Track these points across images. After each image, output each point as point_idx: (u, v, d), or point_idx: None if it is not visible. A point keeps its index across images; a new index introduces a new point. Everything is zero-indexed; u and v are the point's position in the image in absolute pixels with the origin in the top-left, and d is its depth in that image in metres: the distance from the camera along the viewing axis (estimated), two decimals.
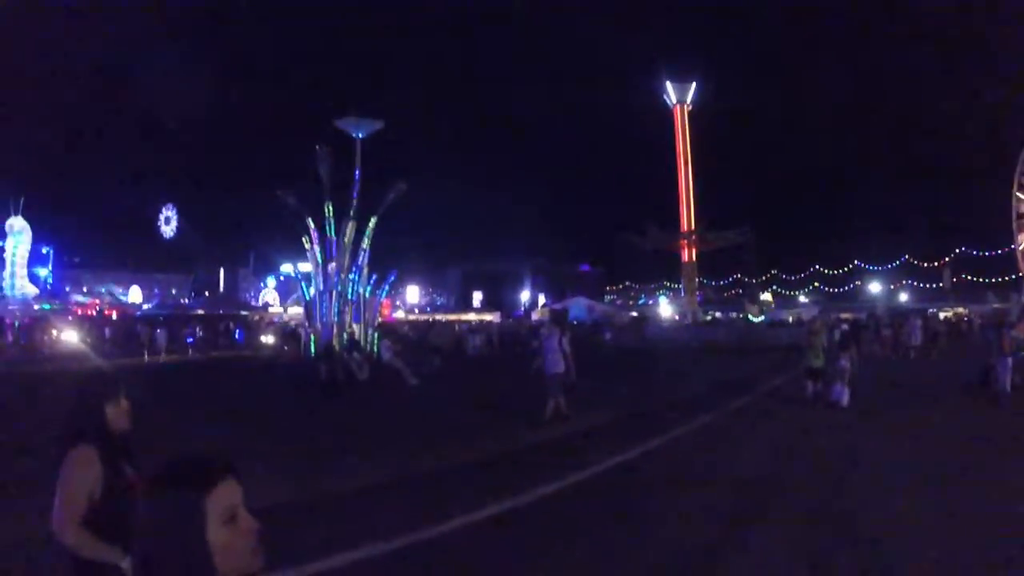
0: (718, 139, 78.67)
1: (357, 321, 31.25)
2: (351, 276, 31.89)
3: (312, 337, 31.14)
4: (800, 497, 8.29)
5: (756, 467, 10.03)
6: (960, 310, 66.25)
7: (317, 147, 31.61)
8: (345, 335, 27.88)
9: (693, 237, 75.20)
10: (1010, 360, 16.24)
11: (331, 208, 32.08)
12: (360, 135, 34.74)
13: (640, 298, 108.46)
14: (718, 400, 16.66)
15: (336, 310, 31.26)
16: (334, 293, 31.55)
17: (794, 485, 8.95)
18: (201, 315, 59.48)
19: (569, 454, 10.71)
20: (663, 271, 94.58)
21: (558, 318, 45.42)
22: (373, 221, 32.90)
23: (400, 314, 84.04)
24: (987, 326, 27.40)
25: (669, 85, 77.82)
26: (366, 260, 32.78)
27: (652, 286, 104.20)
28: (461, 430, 13.15)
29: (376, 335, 30.81)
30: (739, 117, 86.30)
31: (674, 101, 77.76)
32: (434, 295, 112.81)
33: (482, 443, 11.62)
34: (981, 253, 79.29)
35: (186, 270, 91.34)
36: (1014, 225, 68.65)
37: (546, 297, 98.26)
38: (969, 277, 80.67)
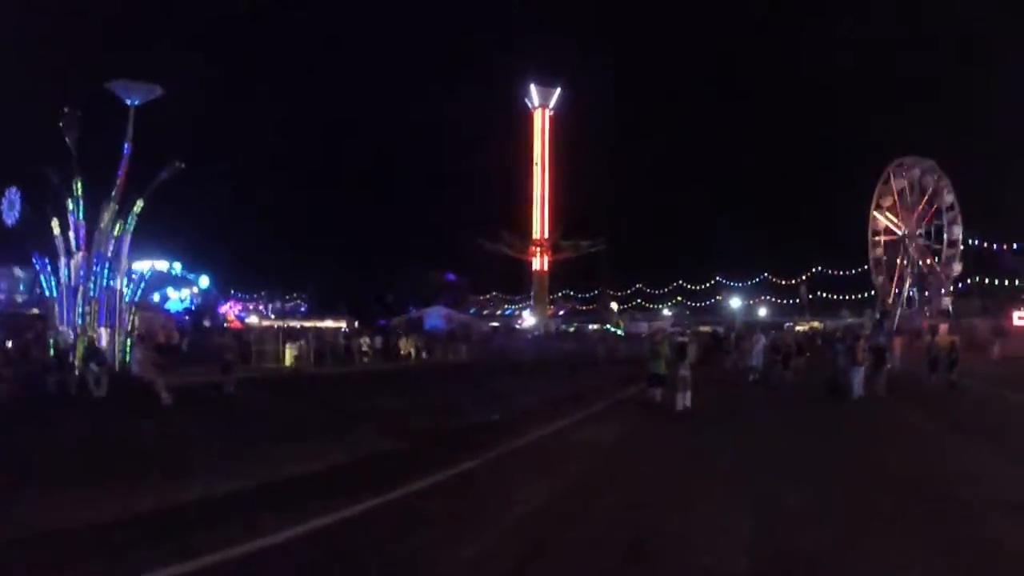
0: (582, 148, 75.98)
1: (106, 325, 25.32)
2: (96, 270, 25.72)
3: (52, 343, 24.95)
4: None
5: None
6: (815, 324, 66.26)
7: (64, 110, 25.53)
8: (83, 341, 22.31)
9: (545, 245, 72.28)
10: (862, 369, 18.83)
11: (80, 185, 25.93)
12: (134, 102, 28.62)
13: (507, 308, 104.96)
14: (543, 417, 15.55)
15: (81, 311, 25.17)
16: (81, 290, 25.46)
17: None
18: None
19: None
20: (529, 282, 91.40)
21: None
22: (139, 205, 26.94)
23: (253, 319, 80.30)
24: (836, 339, 26.26)
25: (533, 88, 75.17)
26: (124, 251, 26.73)
27: (518, 297, 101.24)
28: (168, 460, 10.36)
29: (129, 342, 25.08)
30: (605, 126, 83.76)
31: (536, 104, 75.17)
32: (300, 300, 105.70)
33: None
34: (836, 272, 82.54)
35: None
36: (869, 243, 70.21)
37: (413, 306, 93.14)
38: (824, 294, 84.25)
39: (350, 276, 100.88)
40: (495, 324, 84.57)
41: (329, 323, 76.60)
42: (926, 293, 68.16)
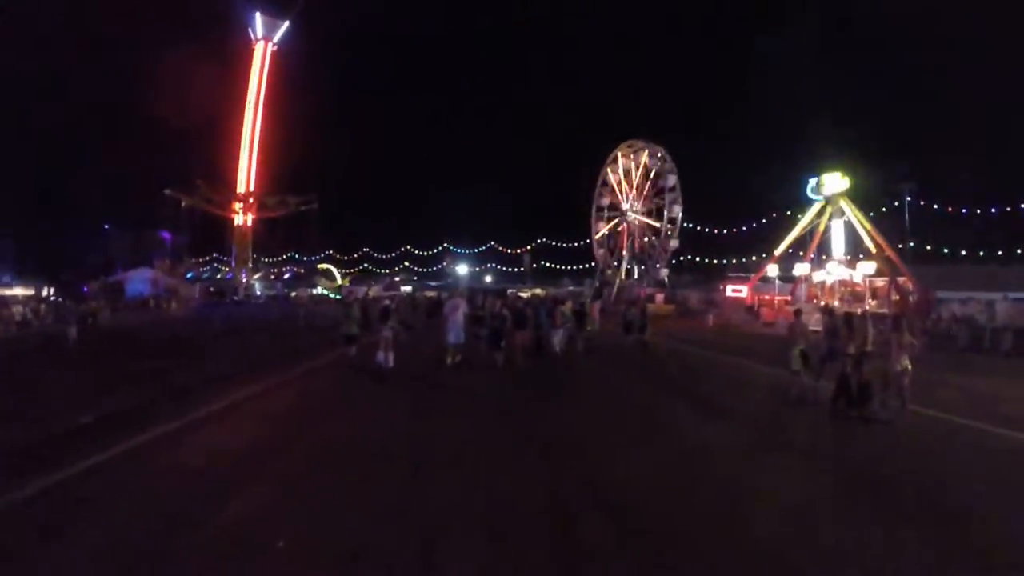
0: (305, 98, 69.13)
1: None
2: None
3: None
4: None
5: None
6: (538, 291, 66.87)
7: None
8: None
9: (249, 201, 64.58)
10: (561, 331, 21.06)
11: None
12: None
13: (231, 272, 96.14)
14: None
15: None
16: None
17: None
18: None
19: None
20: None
21: None
22: None
23: None
24: (538, 306, 25.01)
25: (258, 16, 66.10)
26: None
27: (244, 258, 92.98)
28: None
29: None
30: (335, 76, 77.58)
31: (259, 36, 66.18)
32: None
33: None
34: (560, 243, 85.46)
35: None
36: (593, 216, 72.65)
37: (121, 266, 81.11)
38: (549, 264, 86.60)
39: (47, 238, 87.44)
40: (212, 288, 76.22)
41: (18, 291, 64.57)
42: (643, 267, 71.63)
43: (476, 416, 11.38)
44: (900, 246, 46.90)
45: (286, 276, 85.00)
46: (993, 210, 54.81)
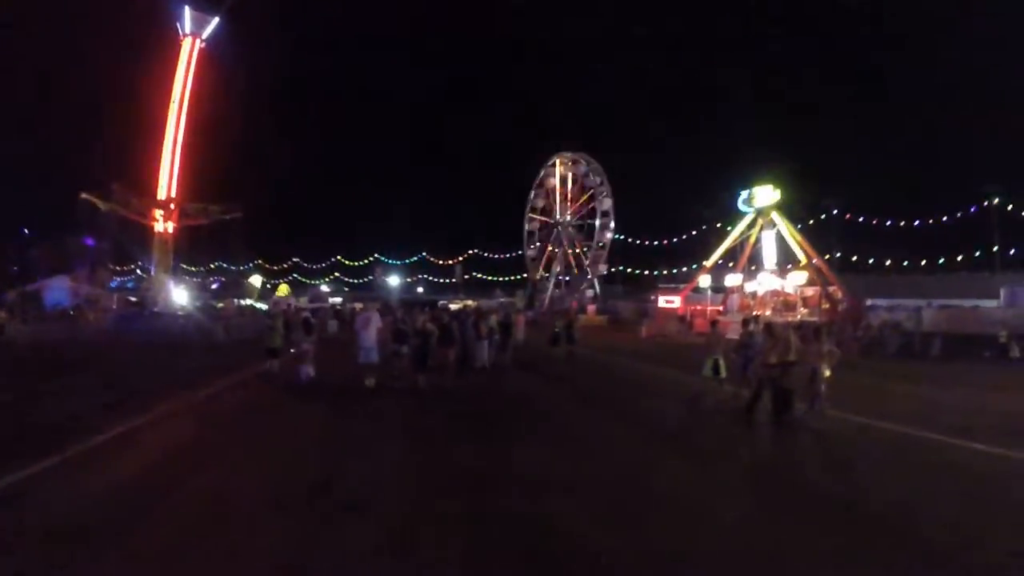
0: (233, 99, 66.54)
1: None
2: None
3: None
4: None
5: None
6: (468, 303, 66.25)
7: None
8: None
9: (169, 208, 61.38)
10: (485, 343, 20.59)
11: None
12: None
13: None
14: None
15: None
16: None
17: None
18: None
19: None
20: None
21: None
22: None
23: None
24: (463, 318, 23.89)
25: (187, 10, 62.45)
26: None
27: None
28: None
29: None
30: (265, 78, 75.15)
31: (186, 31, 62.45)
32: None
33: None
34: (493, 254, 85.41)
35: None
36: (525, 220, 72.62)
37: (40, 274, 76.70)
38: (480, 275, 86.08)
39: None
40: (133, 299, 72.63)
41: None
42: (574, 278, 71.68)
43: (392, 447, 9.95)
44: (827, 256, 47.50)
45: (213, 286, 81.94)
46: (916, 223, 56.40)
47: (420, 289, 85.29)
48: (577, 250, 72.25)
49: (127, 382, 16.71)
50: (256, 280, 76.69)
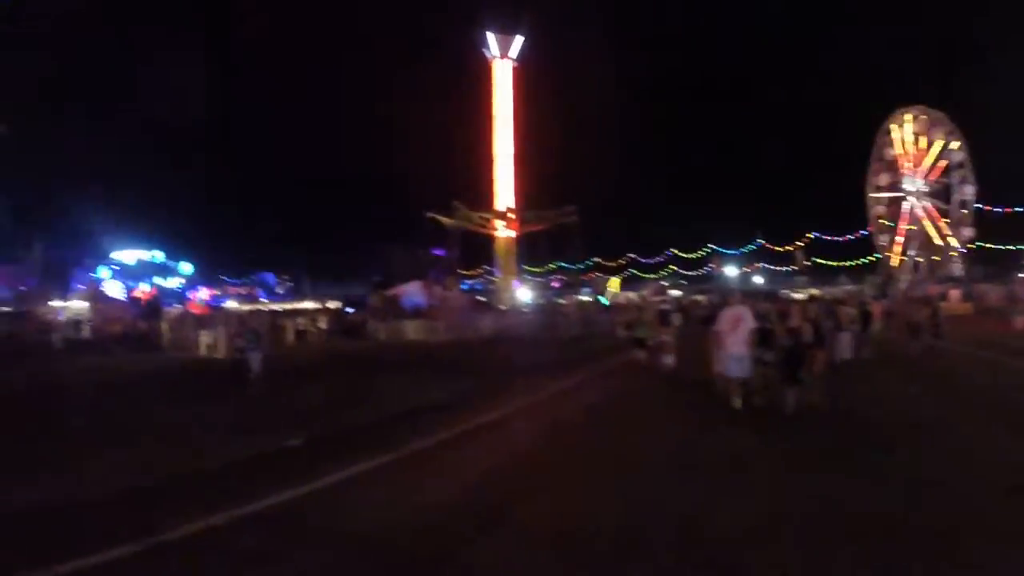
0: (555, 106, 68.00)
1: None
2: None
3: None
4: None
5: None
6: (814, 292, 60.02)
7: None
8: None
9: (511, 216, 65.57)
10: (847, 334, 18.65)
11: None
12: None
13: None
14: None
15: None
16: None
17: None
18: None
19: None
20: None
21: None
22: None
23: (232, 303, 79.17)
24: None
25: (490, 36, 66.14)
26: None
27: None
28: None
29: None
30: (582, 82, 75.27)
31: (495, 54, 66.18)
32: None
33: None
34: (834, 237, 75.88)
35: None
36: (868, 201, 64.79)
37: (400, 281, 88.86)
38: (821, 260, 78.03)
39: (336, 256, 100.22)
40: (482, 298, 79.66)
41: (308, 305, 72.18)
42: (933, 257, 61.67)
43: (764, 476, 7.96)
44: None
45: (554, 285, 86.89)
46: None
47: (758, 279, 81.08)
48: (937, 223, 62.04)
49: (500, 369, 20.49)
50: (614, 284, 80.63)
